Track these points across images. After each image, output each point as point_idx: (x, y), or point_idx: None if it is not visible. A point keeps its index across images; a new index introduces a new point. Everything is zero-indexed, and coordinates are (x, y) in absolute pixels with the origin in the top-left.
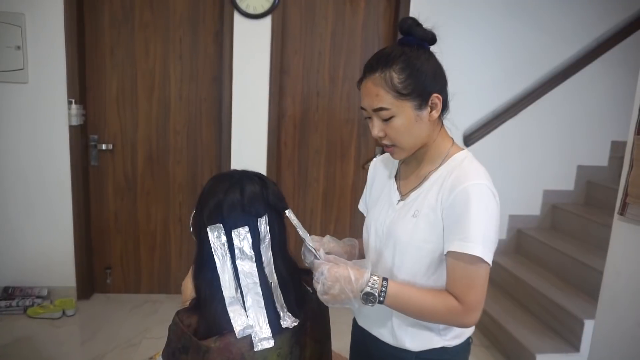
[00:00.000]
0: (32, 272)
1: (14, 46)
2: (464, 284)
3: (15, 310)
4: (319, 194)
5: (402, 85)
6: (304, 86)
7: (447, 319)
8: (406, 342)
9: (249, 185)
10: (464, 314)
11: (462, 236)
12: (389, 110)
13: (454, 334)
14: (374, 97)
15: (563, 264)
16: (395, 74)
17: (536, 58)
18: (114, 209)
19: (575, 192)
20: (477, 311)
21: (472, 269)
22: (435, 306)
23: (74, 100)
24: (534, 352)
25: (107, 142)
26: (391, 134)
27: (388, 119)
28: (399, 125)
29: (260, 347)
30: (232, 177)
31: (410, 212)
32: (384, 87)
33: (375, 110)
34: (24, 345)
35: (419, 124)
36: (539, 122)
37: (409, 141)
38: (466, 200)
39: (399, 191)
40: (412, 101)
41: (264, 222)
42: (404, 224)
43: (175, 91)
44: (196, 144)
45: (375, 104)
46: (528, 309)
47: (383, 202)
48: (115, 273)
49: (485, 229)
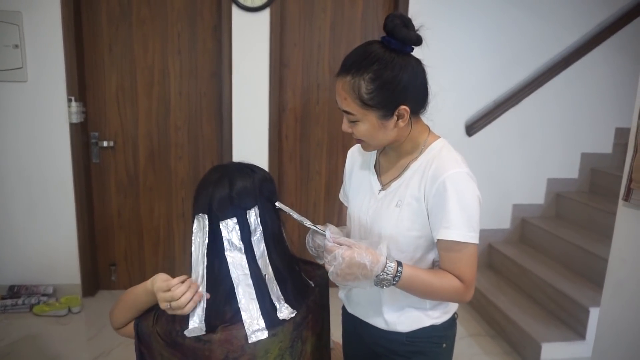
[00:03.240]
0: (37, 271)
1: (12, 45)
2: (460, 265)
3: (22, 308)
4: (322, 186)
5: (369, 97)
6: (304, 79)
7: (452, 297)
8: (397, 325)
9: (239, 177)
10: (466, 291)
11: (448, 224)
12: (354, 115)
13: (441, 311)
14: (342, 99)
15: (568, 253)
16: (364, 83)
17: (537, 46)
18: (117, 206)
19: (580, 180)
20: (474, 286)
21: (462, 251)
22: (442, 286)
23: (74, 97)
24: (540, 340)
25: (108, 139)
26: (357, 134)
27: (354, 122)
28: (363, 129)
29: (254, 338)
30: (225, 169)
31: (394, 202)
32: (351, 94)
33: (343, 111)
34: (31, 342)
35: (384, 131)
36: (542, 110)
37: (375, 141)
38: (448, 189)
39: (380, 181)
40: (377, 112)
41: (254, 214)
42: (388, 214)
43: (175, 87)
44: (197, 139)
45: (343, 106)
46: (533, 298)
47: (364, 192)
48: (120, 270)
49: (468, 213)
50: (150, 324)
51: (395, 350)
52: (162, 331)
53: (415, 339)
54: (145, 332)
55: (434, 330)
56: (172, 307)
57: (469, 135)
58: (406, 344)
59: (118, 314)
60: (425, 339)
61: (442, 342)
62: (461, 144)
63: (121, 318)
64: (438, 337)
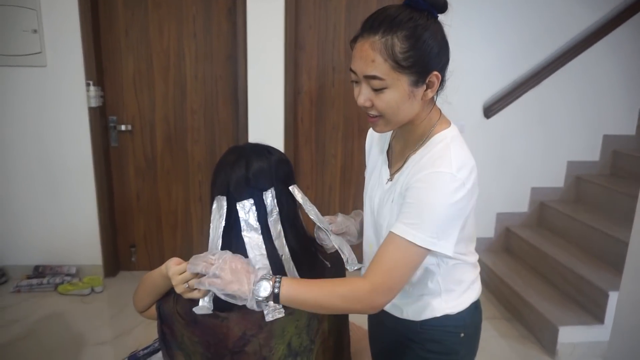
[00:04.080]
0: (61, 252)
1: (31, 30)
2: (386, 263)
3: (47, 287)
4: (337, 170)
5: (403, 57)
6: (320, 61)
7: (351, 301)
8: (409, 314)
9: (256, 159)
10: (369, 294)
11: (410, 222)
12: (383, 80)
13: (456, 300)
14: (369, 62)
15: (587, 236)
16: (398, 42)
17: (558, 25)
18: (136, 189)
19: (601, 162)
20: (386, 295)
21: (402, 254)
22: (336, 291)
23: (92, 82)
24: (557, 324)
25: (126, 123)
26: (379, 105)
27: (379, 89)
28: (390, 99)
29: (270, 317)
30: (241, 151)
31: (391, 197)
32: (383, 54)
33: (366, 77)
34: (57, 320)
35: (411, 101)
36: (562, 91)
37: (397, 116)
38: (425, 186)
39: (389, 170)
40: (410, 76)
41: (270, 195)
42: (386, 211)
43: (191, 70)
44: (213, 122)
45: (369, 70)
46: (551, 281)
47: (375, 179)
48: (140, 251)
49: (438, 218)
50: (172, 304)
51: (411, 337)
52: (183, 311)
53: (429, 327)
54: (167, 313)
55: (449, 319)
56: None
57: (487, 118)
58: (420, 331)
59: (139, 298)
60: (439, 328)
61: (460, 331)
62: (479, 127)
63: (143, 302)
64: (454, 327)
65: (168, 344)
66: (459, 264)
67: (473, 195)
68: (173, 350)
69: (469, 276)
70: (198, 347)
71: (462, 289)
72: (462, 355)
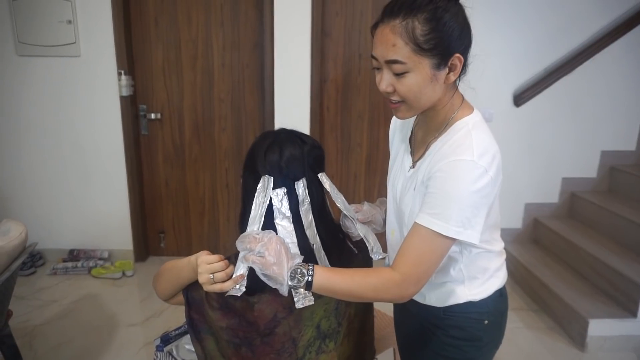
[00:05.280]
0: (94, 237)
1: (66, 20)
2: (413, 255)
3: (81, 270)
4: (362, 158)
5: (425, 39)
6: (346, 48)
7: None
8: (432, 300)
9: (289, 147)
10: (399, 285)
11: (435, 212)
12: (404, 64)
13: (479, 287)
14: (389, 46)
15: (620, 228)
16: (418, 24)
17: (594, 10)
18: (165, 176)
19: (637, 152)
20: (415, 285)
21: (429, 245)
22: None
23: (124, 71)
24: (587, 317)
25: (155, 112)
26: (401, 90)
27: (401, 74)
28: (412, 84)
29: (300, 305)
30: (276, 137)
31: (413, 185)
32: (404, 37)
33: (388, 62)
34: (91, 301)
35: (433, 85)
36: (597, 78)
37: (419, 101)
38: (446, 175)
39: (412, 157)
40: (432, 59)
41: (302, 185)
42: (409, 198)
43: (218, 59)
44: (240, 111)
45: (390, 54)
46: (581, 273)
47: (398, 166)
48: (168, 237)
49: (462, 208)
50: (201, 290)
51: (435, 323)
52: (215, 295)
53: (452, 313)
54: (196, 298)
55: (472, 306)
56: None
57: (517, 106)
58: (443, 317)
59: (163, 287)
60: (463, 315)
61: (484, 318)
62: (508, 115)
63: (167, 291)
64: (478, 314)
65: (197, 329)
66: (483, 252)
67: (497, 181)
68: (202, 334)
69: (494, 264)
70: (223, 333)
71: (485, 276)
72: (485, 342)
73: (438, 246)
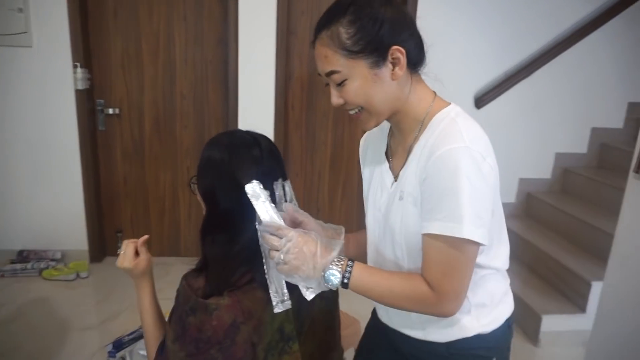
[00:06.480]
0: (46, 236)
1: (16, 8)
2: (439, 270)
3: (31, 272)
4: (327, 157)
5: (352, 42)
6: (311, 47)
7: (419, 307)
8: (434, 334)
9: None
10: (437, 303)
11: (443, 215)
12: (340, 72)
13: (488, 318)
14: (323, 59)
15: (572, 227)
16: (342, 29)
17: (550, 17)
18: (123, 174)
19: (588, 155)
20: (455, 301)
21: (452, 253)
22: (404, 293)
23: (79, 63)
24: (540, 313)
25: (113, 107)
26: (349, 99)
27: (341, 83)
28: (353, 89)
29: (279, 309)
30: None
31: (398, 195)
32: (331, 46)
33: (327, 75)
34: (41, 305)
35: (379, 84)
36: (554, 83)
37: (373, 105)
38: (443, 171)
39: (392, 171)
40: (367, 59)
41: (280, 185)
42: (395, 210)
43: (181, 54)
44: (203, 107)
45: (326, 67)
46: (535, 271)
47: (376, 186)
48: (126, 236)
49: (470, 202)
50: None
51: None
52: (175, 325)
53: (457, 350)
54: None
55: (481, 340)
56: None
57: (478, 108)
58: (446, 356)
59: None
60: (469, 352)
61: (492, 355)
62: None
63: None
64: (486, 350)
65: None
66: (489, 273)
67: (495, 175)
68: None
69: (501, 287)
70: None
71: (494, 302)
72: None
73: (462, 252)
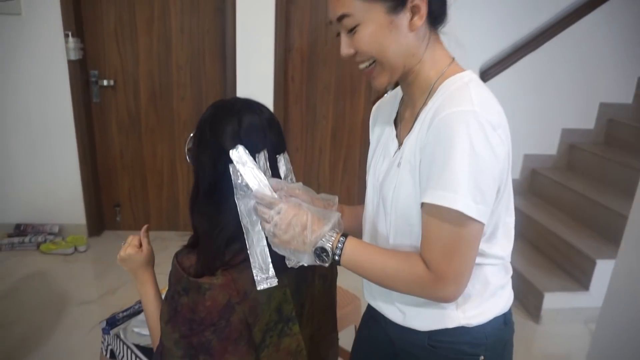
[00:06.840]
0: (43, 210)
1: None
2: (437, 248)
3: (28, 246)
4: (328, 131)
5: None
6: (312, 17)
7: (415, 290)
8: (414, 320)
9: (247, 115)
10: (434, 286)
11: (437, 183)
12: (352, 16)
13: (475, 310)
14: (336, 2)
15: (577, 205)
16: None
17: None
18: (120, 147)
19: (595, 130)
20: (454, 284)
21: (451, 229)
22: (399, 272)
23: (71, 32)
24: (543, 290)
25: (108, 78)
26: (360, 47)
27: (352, 29)
28: (366, 35)
29: (263, 286)
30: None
31: (397, 162)
32: None
33: (339, 21)
34: (39, 279)
35: (395, 34)
36: (561, 56)
37: (386, 55)
38: (444, 134)
39: (398, 139)
40: (383, 2)
41: (263, 157)
42: (391, 177)
43: (177, 23)
44: (200, 79)
45: (338, 10)
46: (539, 248)
47: (380, 153)
48: (125, 210)
49: (470, 171)
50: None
51: (416, 354)
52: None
53: (438, 342)
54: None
55: (465, 333)
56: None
57: (484, 82)
58: (427, 348)
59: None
60: (451, 345)
61: (479, 352)
62: None
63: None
64: (471, 345)
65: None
66: (486, 262)
67: (508, 150)
68: None
69: (498, 279)
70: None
71: (486, 294)
72: None
73: (462, 229)
